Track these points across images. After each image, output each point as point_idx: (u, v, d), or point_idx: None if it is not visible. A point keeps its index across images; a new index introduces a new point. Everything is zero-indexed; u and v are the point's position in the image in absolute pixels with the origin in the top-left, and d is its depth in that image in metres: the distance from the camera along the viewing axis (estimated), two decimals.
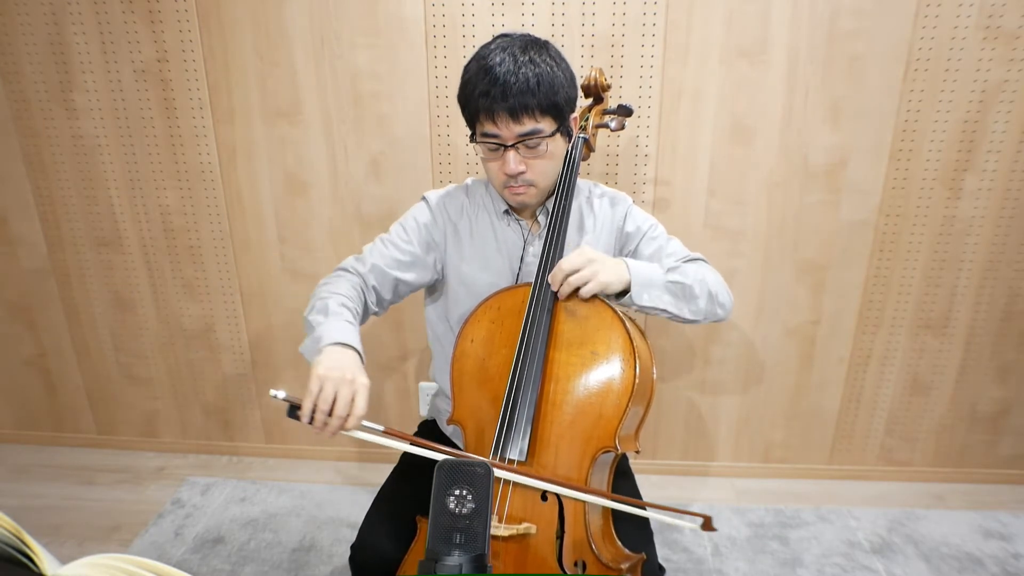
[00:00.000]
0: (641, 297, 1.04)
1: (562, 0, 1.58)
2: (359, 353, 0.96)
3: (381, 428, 0.91)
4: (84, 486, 1.96)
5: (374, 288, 1.15)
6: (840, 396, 1.89)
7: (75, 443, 2.15)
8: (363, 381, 0.90)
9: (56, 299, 1.98)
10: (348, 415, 0.88)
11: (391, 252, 1.16)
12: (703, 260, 1.19)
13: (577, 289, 1.01)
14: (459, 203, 1.21)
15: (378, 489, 1.18)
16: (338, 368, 0.89)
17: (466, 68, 1.05)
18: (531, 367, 0.98)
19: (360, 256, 1.17)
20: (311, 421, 0.88)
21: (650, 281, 1.05)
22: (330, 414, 0.88)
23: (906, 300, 1.78)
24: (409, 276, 1.17)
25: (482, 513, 0.65)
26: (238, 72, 1.70)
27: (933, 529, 1.74)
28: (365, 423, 0.90)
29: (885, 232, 1.72)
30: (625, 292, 1.04)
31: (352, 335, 0.98)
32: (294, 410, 0.88)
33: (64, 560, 0.40)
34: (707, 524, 1.00)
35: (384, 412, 2.02)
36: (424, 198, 1.23)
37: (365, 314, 1.13)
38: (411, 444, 0.92)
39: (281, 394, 0.86)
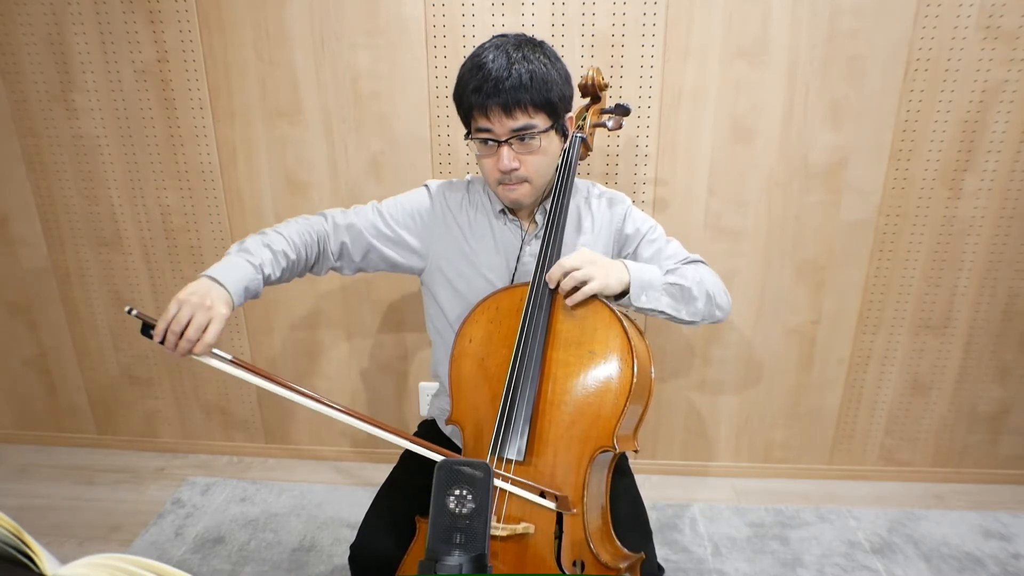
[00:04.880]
0: (640, 299, 1.05)
1: (562, 0, 1.58)
2: (228, 291, 0.96)
3: (230, 357, 0.91)
4: (84, 486, 1.96)
5: (343, 243, 1.16)
6: (840, 396, 1.89)
7: (75, 443, 2.15)
8: (221, 311, 0.92)
9: (56, 299, 1.98)
10: (198, 340, 0.90)
11: (377, 221, 1.18)
12: (702, 262, 1.20)
13: (575, 289, 1.00)
14: (460, 197, 1.21)
15: (378, 489, 1.18)
16: (198, 295, 0.92)
17: (461, 67, 1.06)
18: (529, 366, 0.98)
19: (347, 211, 1.18)
20: (163, 341, 0.90)
21: (649, 283, 1.05)
22: (181, 336, 0.90)
23: (906, 300, 1.78)
24: (387, 251, 1.18)
25: (482, 513, 0.65)
26: (238, 72, 1.70)
27: (933, 529, 1.74)
28: (215, 351, 0.92)
29: (885, 232, 1.72)
30: (624, 294, 1.04)
31: (234, 275, 0.98)
32: (147, 328, 0.90)
33: (64, 560, 0.40)
34: None
35: (384, 412, 2.02)
36: (426, 186, 1.23)
37: (316, 264, 1.15)
38: (265, 380, 0.91)
39: (135, 311, 0.89)
